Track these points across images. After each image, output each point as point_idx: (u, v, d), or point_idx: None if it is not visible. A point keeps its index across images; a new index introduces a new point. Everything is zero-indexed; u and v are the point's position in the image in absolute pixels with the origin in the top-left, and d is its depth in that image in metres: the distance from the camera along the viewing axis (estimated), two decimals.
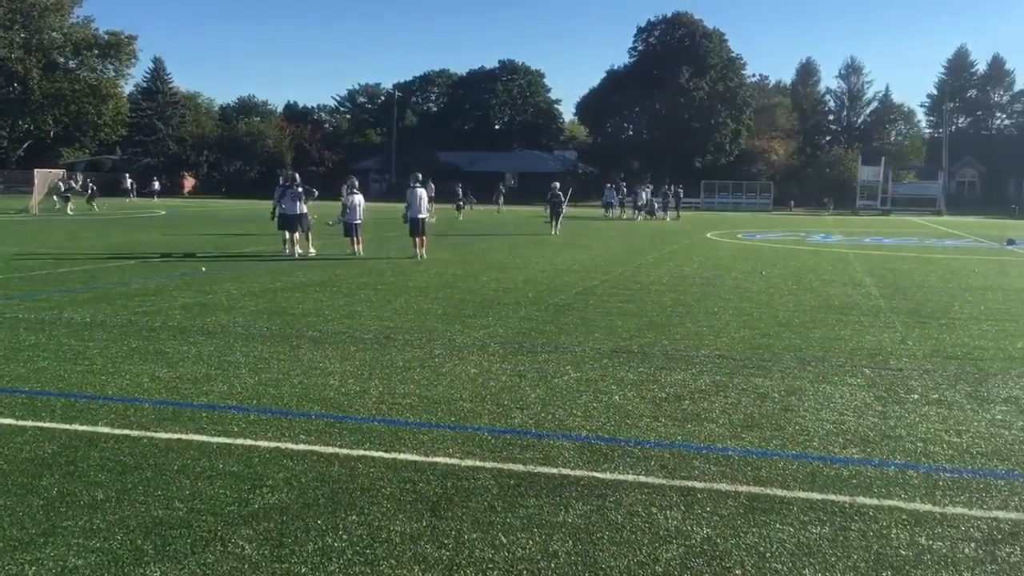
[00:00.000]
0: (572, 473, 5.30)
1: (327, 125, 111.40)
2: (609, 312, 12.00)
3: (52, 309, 11.16)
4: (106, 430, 5.93)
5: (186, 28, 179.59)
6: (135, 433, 5.88)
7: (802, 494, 5.03)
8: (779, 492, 5.05)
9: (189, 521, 4.43)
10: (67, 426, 6.00)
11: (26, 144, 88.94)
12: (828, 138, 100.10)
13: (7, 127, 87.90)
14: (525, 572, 3.97)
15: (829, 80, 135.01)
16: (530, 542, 4.29)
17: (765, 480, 5.25)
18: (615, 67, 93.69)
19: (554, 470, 5.35)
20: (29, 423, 6.05)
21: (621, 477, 5.26)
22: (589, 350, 9.21)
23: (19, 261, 17.49)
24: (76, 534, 4.24)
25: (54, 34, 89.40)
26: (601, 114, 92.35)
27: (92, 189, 48.25)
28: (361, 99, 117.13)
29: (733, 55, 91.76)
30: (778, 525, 4.57)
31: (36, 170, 46.23)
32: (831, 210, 72.00)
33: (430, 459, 5.49)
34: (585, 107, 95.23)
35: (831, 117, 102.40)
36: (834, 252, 25.16)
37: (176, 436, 5.83)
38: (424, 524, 4.47)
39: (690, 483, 5.18)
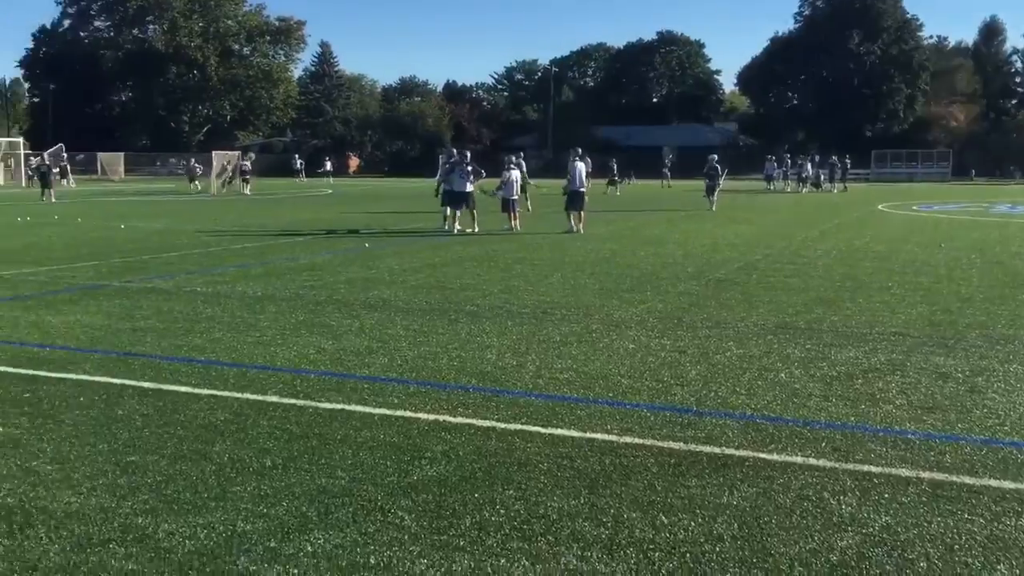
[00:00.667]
0: (736, 453, 5.06)
1: (484, 103, 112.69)
2: (773, 287, 11.53)
3: (227, 283, 11.72)
4: (274, 399, 6.13)
5: (351, 12, 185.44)
6: (301, 402, 6.04)
7: (993, 482, 4.62)
8: (966, 480, 4.65)
9: (351, 490, 4.48)
10: (239, 395, 6.24)
11: (205, 128, 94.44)
12: (1015, 102, 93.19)
13: (188, 112, 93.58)
14: (688, 555, 3.79)
15: (1016, 39, 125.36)
16: (692, 524, 4.11)
17: (950, 466, 4.85)
18: (779, 34, 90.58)
19: (717, 450, 5.12)
20: (204, 391, 6.33)
21: (789, 459, 4.98)
22: (752, 326, 8.85)
23: (198, 238, 18.52)
24: (245, 499, 4.36)
25: (229, 22, 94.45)
26: (763, 83, 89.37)
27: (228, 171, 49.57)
28: (518, 76, 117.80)
29: (908, 16, 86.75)
30: (966, 515, 4.20)
31: (214, 152, 48.98)
32: (1018, 179, 67.07)
33: (588, 435, 5.37)
34: (746, 77, 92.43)
35: (1018, 79, 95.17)
36: (1023, 224, 23.35)
37: (339, 406, 5.95)
38: (582, 501, 4.36)
39: (865, 467, 4.84)
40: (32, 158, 50.68)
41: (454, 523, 4.10)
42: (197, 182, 46.06)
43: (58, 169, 43.18)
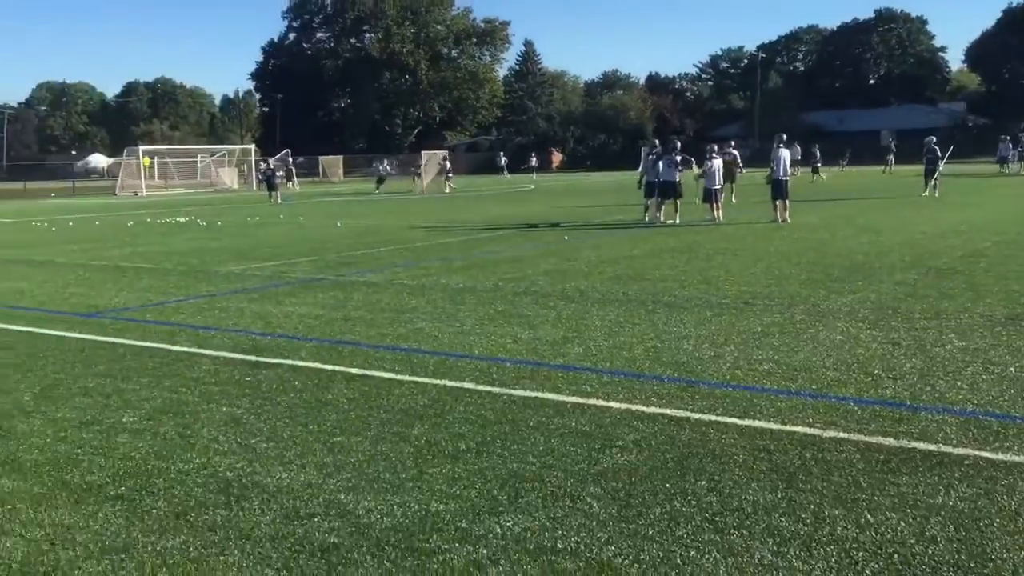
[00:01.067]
0: (954, 451, 4.68)
1: (688, 93, 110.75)
2: (1004, 275, 10.60)
3: (431, 276, 12.13)
4: (471, 386, 6.26)
5: (554, 9, 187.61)
6: (496, 390, 6.14)
7: None
8: None
9: (541, 475, 4.50)
10: (437, 381, 6.42)
11: (416, 130, 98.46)
12: None
13: (401, 115, 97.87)
14: (896, 556, 3.53)
15: None
16: (902, 524, 3.82)
17: None
18: (1013, 4, 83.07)
19: (932, 447, 4.75)
20: (406, 377, 6.57)
21: (1016, 459, 4.55)
22: (978, 317, 8.18)
23: (407, 234, 19.29)
24: (439, 481, 4.48)
25: (438, 27, 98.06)
26: (996, 59, 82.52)
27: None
28: (723, 64, 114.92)
29: None
30: None
31: (423, 152, 50.94)
32: None
33: (787, 428, 5.13)
34: (976, 52, 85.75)
35: None
36: None
37: (533, 394, 6.00)
38: (779, 496, 4.16)
39: None
40: (261, 163, 54.67)
41: (643, 512, 4.03)
42: (383, 184, 47.63)
43: (282, 173, 46.25)
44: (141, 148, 57.18)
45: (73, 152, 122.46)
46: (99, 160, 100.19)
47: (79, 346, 8.01)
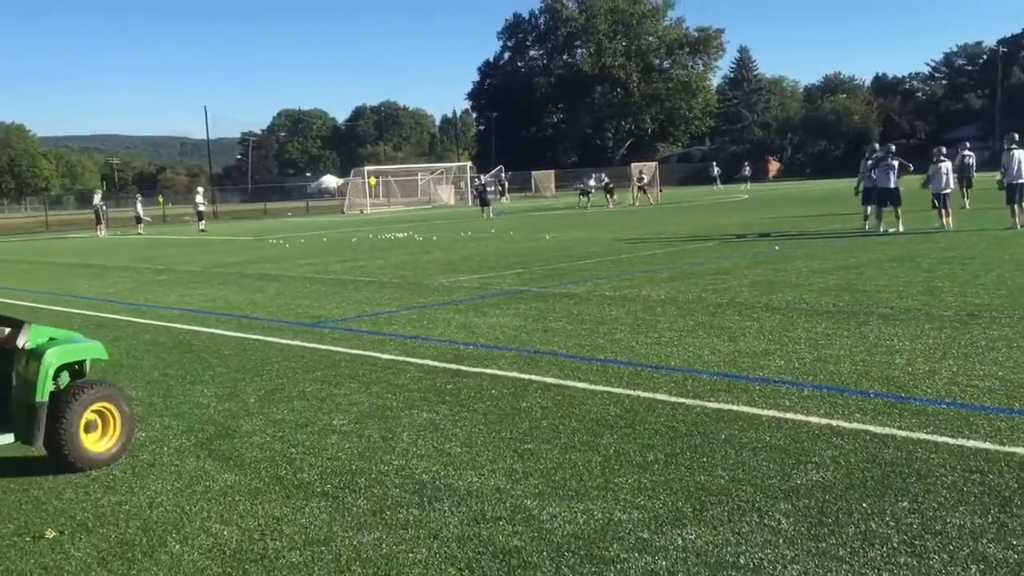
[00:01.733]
0: None
1: (919, 94, 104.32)
2: None
3: (633, 287, 12.10)
4: (664, 397, 6.21)
5: (769, 14, 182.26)
6: (689, 402, 6.05)
7: None
8: None
9: (729, 489, 4.40)
10: (631, 392, 6.41)
11: (628, 143, 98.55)
12: None
13: (612, 129, 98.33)
14: None
15: None
16: None
17: None
18: None
19: None
20: (600, 387, 6.60)
21: None
22: None
23: (612, 246, 19.33)
24: (625, 490, 4.48)
25: (650, 38, 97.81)
26: None
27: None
28: (959, 61, 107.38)
29: None
30: None
31: (632, 164, 50.92)
32: None
33: (1006, 449, 4.74)
34: None
35: None
36: None
37: (727, 407, 5.87)
38: (989, 520, 3.85)
39: None
40: (475, 179, 56.64)
41: (835, 531, 3.85)
42: (588, 196, 47.21)
43: (494, 188, 47.62)
44: (367, 168, 60.67)
45: (308, 174, 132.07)
46: (330, 181, 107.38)
47: (301, 353, 8.62)
